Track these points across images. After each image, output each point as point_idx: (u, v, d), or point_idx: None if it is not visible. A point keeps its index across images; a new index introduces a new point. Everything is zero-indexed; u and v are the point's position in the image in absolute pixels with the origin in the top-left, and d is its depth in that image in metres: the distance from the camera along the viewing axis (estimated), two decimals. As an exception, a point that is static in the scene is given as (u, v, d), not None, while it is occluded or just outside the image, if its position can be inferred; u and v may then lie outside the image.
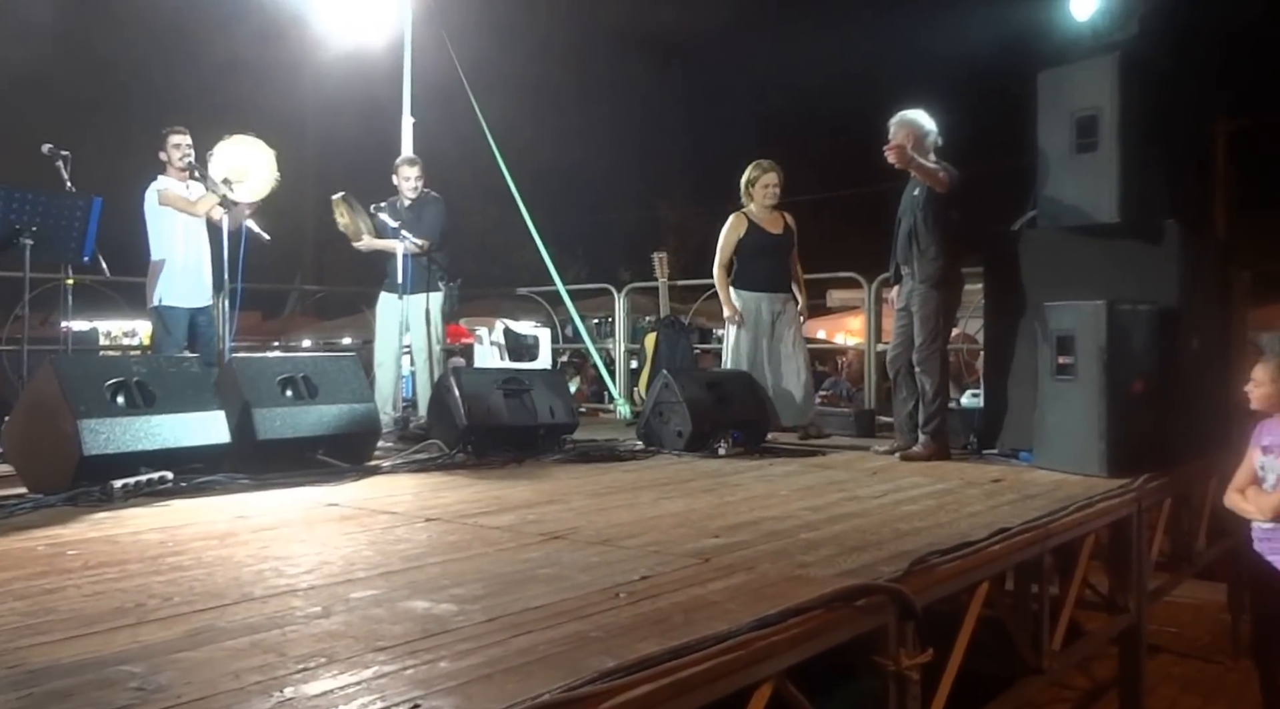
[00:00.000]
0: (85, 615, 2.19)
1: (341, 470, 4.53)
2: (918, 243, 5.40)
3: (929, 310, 5.39)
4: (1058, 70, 5.48)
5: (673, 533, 3.19)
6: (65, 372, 4.05)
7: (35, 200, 5.47)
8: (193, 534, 3.17)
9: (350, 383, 4.97)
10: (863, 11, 18.99)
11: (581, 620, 2.11)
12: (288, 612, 2.22)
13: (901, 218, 5.57)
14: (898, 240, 5.58)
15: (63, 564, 2.73)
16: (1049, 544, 3.34)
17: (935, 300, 5.38)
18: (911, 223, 5.44)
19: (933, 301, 5.38)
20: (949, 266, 5.40)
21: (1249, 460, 4.19)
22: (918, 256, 5.40)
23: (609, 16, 16.74)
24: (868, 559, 2.76)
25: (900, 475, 4.74)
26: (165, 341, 5.98)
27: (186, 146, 6.03)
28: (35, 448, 4.04)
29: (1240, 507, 4.19)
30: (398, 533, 3.20)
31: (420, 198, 6.78)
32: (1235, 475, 4.26)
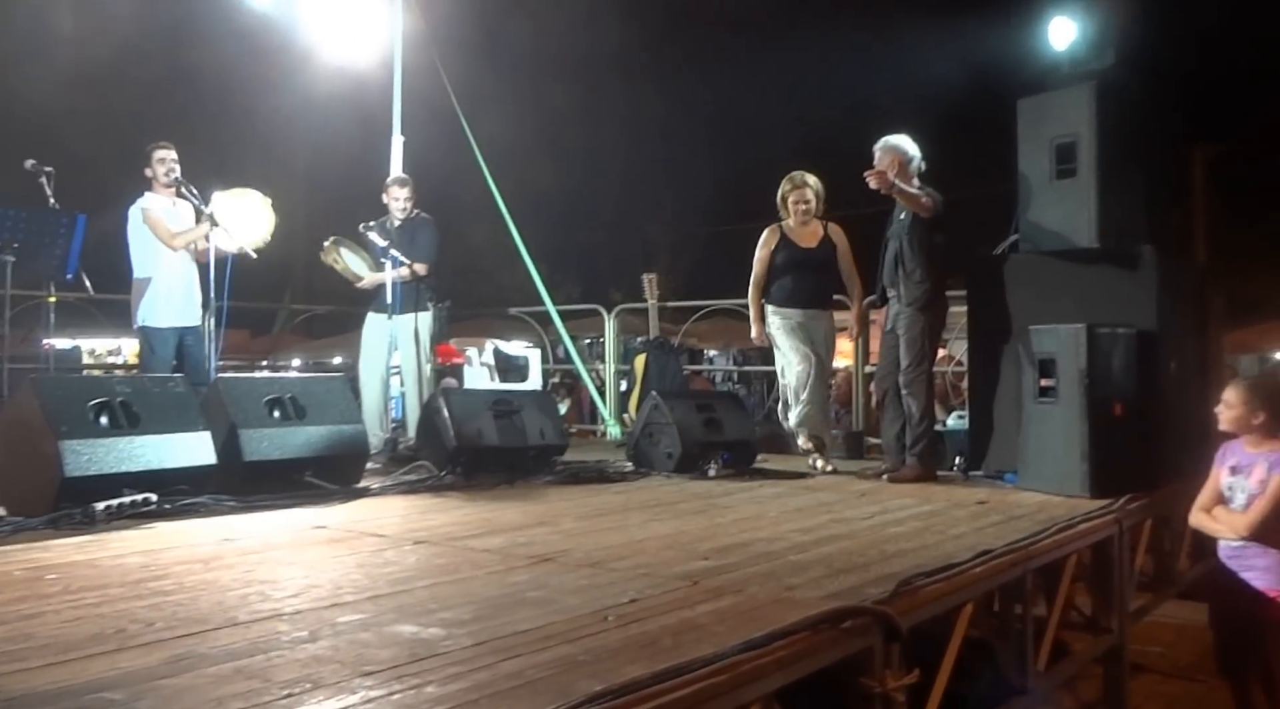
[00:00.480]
0: (64, 641, 2.17)
1: (329, 492, 4.52)
2: (904, 266, 5.45)
3: (915, 333, 5.44)
4: (1037, 98, 5.57)
5: (662, 555, 3.19)
6: (47, 392, 4.03)
7: (17, 217, 5.44)
8: (176, 557, 3.15)
9: (339, 403, 4.96)
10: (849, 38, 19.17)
11: (570, 644, 2.11)
12: (273, 636, 2.20)
13: (888, 241, 5.62)
14: (884, 263, 5.63)
15: (42, 589, 2.70)
16: (1032, 565, 3.36)
17: (921, 323, 5.43)
18: (898, 247, 5.50)
19: (919, 325, 5.43)
20: (934, 290, 5.46)
21: (1213, 480, 4.26)
22: (904, 280, 5.45)
23: (600, 38, 16.84)
24: (854, 581, 2.77)
25: (887, 497, 4.76)
26: (152, 362, 5.93)
27: (172, 161, 5.98)
28: (15, 469, 4.01)
29: (1209, 526, 4.25)
30: (386, 556, 3.19)
31: (411, 219, 6.77)
32: (1200, 495, 4.33)
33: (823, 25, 19.29)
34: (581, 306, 10.18)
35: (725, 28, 19.94)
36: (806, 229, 6.00)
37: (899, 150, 5.52)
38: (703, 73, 19.76)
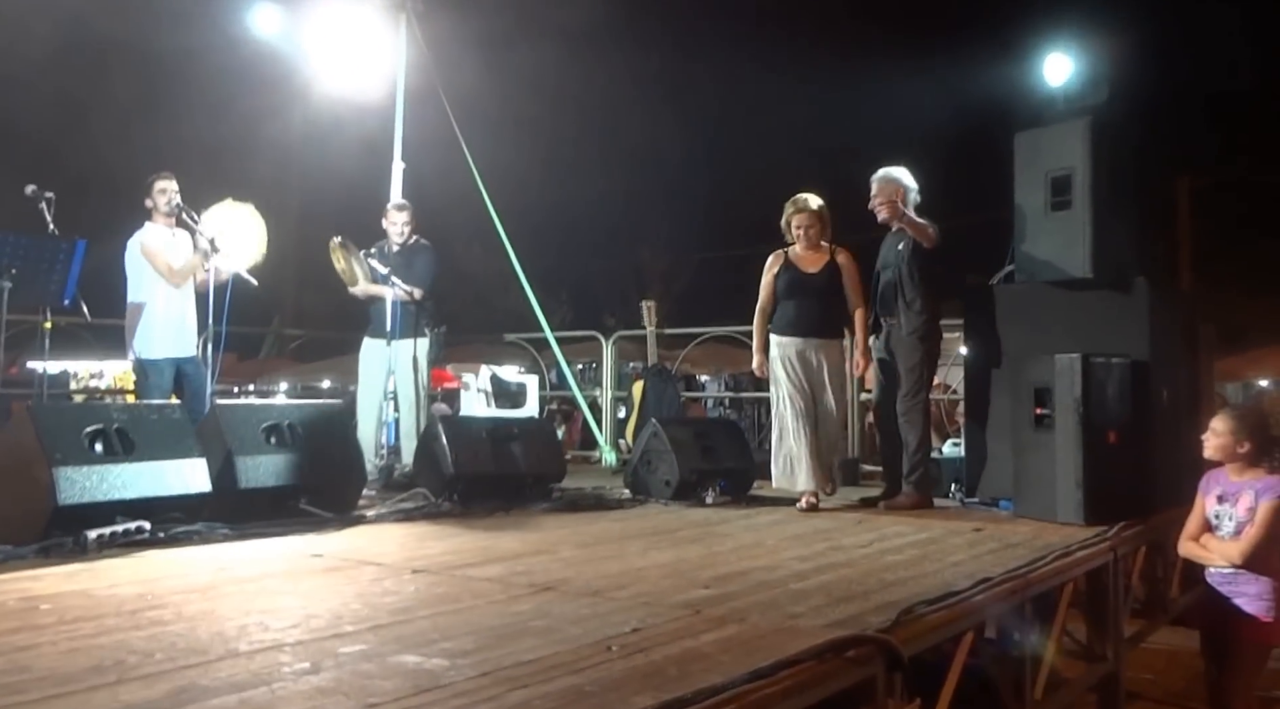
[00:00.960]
0: (62, 674, 2.14)
1: (325, 520, 4.49)
2: (903, 295, 5.48)
3: (914, 362, 5.47)
4: (1033, 132, 5.66)
5: (662, 584, 3.19)
6: (42, 418, 4.00)
7: (16, 242, 5.41)
8: (172, 587, 3.12)
9: (336, 430, 4.95)
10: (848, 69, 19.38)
11: (575, 674, 2.11)
12: (275, 668, 2.19)
13: (883, 270, 5.66)
14: (878, 292, 5.66)
15: (36, 619, 2.67)
16: (1029, 593, 3.37)
17: (920, 353, 5.48)
18: (895, 276, 5.53)
19: (918, 354, 5.47)
20: (933, 319, 5.51)
21: (1199, 509, 4.32)
22: (904, 309, 5.48)
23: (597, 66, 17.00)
24: (855, 609, 2.77)
25: (884, 524, 4.77)
26: (148, 393, 5.89)
27: (173, 192, 5.98)
28: (6, 497, 3.96)
29: (1199, 554, 4.29)
30: (385, 585, 3.18)
31: (410, 244, 6.78)
32: (1186, 524, 4.36)
33: (821, 55, 19.51)
34: (579, 333, 10.21)
35: (722, 57, 20.13)
36: (812, 253, 5.61)
37: (899, 182, 5.57)
38: (699, 100, 19.93)
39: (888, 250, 5.68)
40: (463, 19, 9.40)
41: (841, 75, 19.23)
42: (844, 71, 19.30)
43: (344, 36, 8.10)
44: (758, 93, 21.08)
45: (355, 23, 8.08)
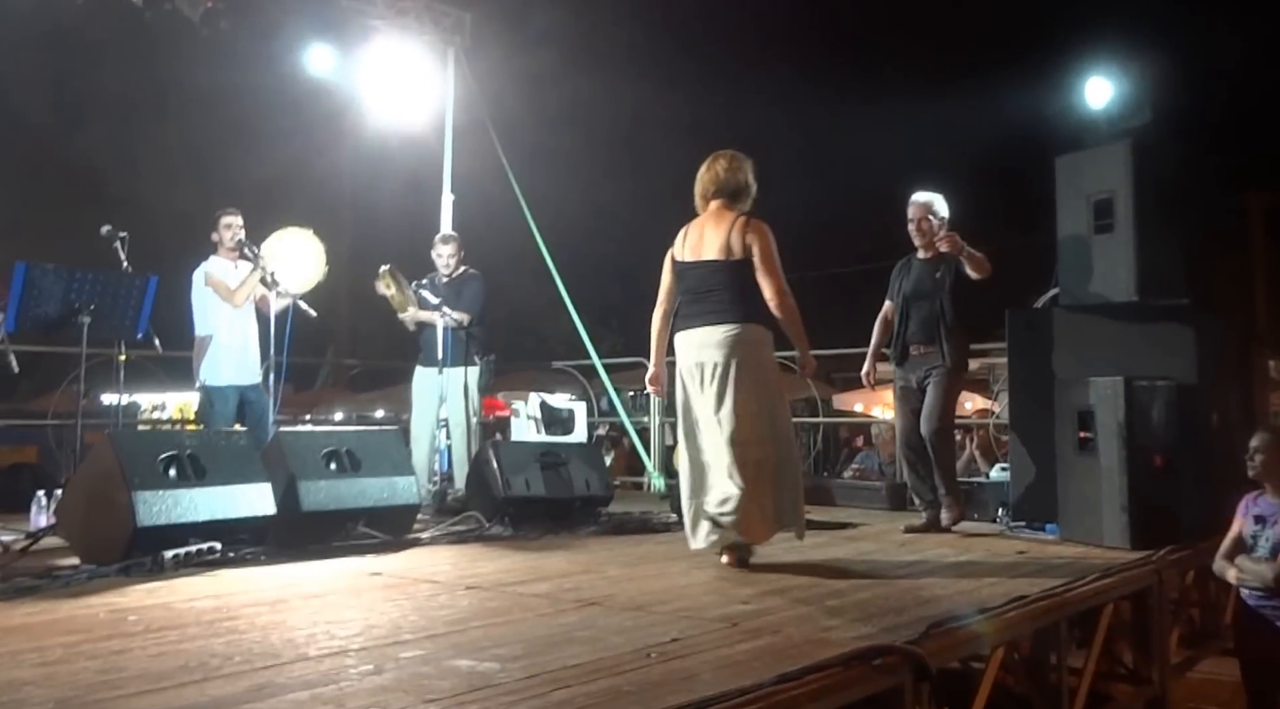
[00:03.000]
0: (153, 673, 2.36)
1: (383, 542, 4.69)
2: (945, 325, 5.45)
3: (955, 391, 5.52)
4: (1075, 155, 5.69)
5: (703, 600, 3.32)
6: (122, 445, 4.27)
7: (94, 280, 5.67)
8: (244, 601, 3.35)
9: (392, 456, 5.15)
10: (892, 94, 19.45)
11: (615, 677, 2.26)
12: (341, 670, 2.38)
13: (912, 299, 5.60)
14: (910, 321, 5.58)
15: (125, 628, 2.91)
16: (1065, 613, 3.43)
17: (959, 383, 5.55)
18: (937, 306, 5.48)
19: (957, 384, 5.53)
20: (968, 350, 5.57)
21: (1235, 529, 4.30)
22: (945, 339, 5.44)
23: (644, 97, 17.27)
24: (888, 623, 2.88)
25: (927, 546, 4.83)
26: (213, 419, 6.15)
27: (238, 227, 6.27)
28: (90, 520, 4.23)
29: (1232, 574, 4.27)
30: (440, 600, 3.36)
31: (460, 275, 6.99)
32: (1222, 544, 4.36)
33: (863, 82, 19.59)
34: (626, 360, 10.37)
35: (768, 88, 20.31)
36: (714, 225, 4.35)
37: (940, 209, 5.57)
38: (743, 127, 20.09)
39: (920, 278, 5.59)
40: (510, 53, 9.69)
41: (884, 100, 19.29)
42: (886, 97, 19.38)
43: (394, 73, 8.38)
44: (800, 118, 21.19)
45: (405, 59, 8.37)
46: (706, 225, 4.31)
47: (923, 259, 5.60)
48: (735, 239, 4.20)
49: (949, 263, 5.46)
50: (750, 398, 4.07)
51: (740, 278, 4.18)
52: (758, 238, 4.20)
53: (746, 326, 4.15)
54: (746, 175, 4.38)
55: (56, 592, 3.49)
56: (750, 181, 4.39)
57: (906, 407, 5.63)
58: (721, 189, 4.33)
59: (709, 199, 4.36)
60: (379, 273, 6.81)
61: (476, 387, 6.84)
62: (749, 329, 4.15)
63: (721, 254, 4.19)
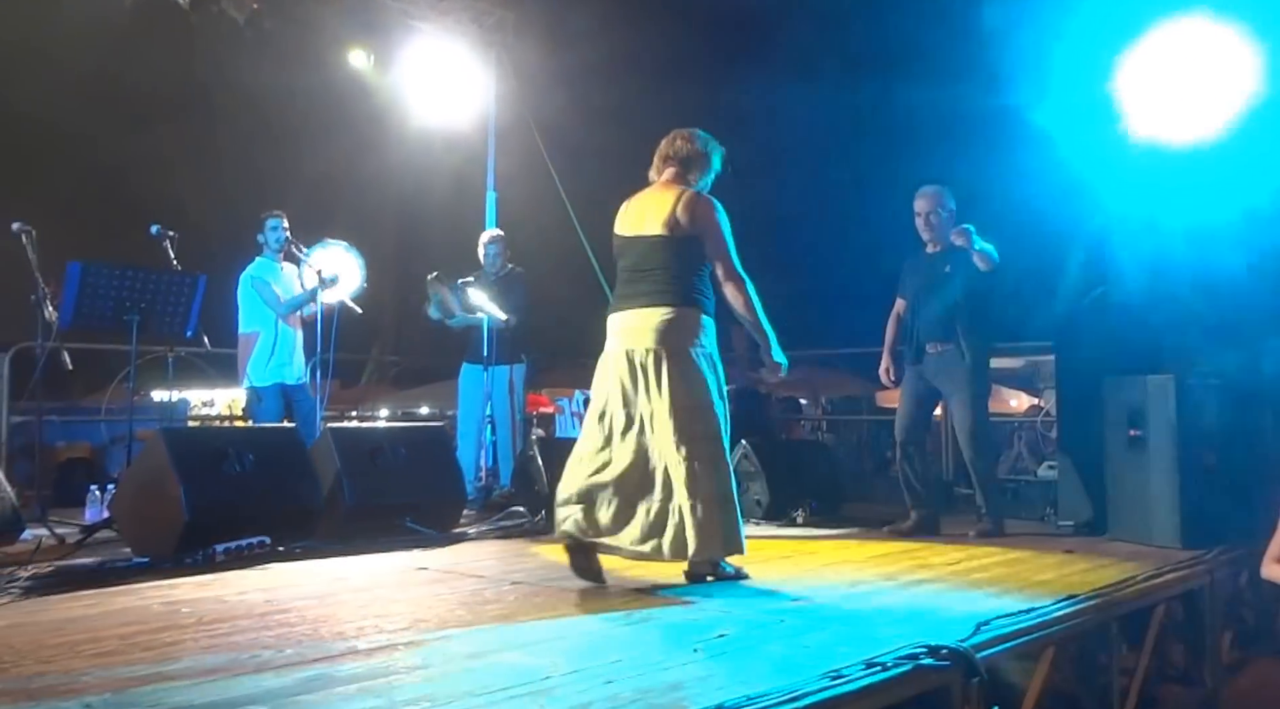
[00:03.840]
0: (207, 665, 2.41)
1: (429, 536, 4.74)
2: (961, 321, 5.21)
3: (980, 390, 5.23)
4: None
5: (750, 596, 3.33)
6: (174, 441, 4.35)
7: (145, 278, 5.77)
8: (294, 594, 3.40)
9: (438, 452, 5.21)
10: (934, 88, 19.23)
11: (664, 671, 2.27)
12: (391, 662, 2.41)
13: (923, 295, 5.38)
14: (921, 318, 5.37)
15: (178, 620, 2.96)
16: (1116, 612, 3.38)
17: (983, 380, 5.28)
18: (952, 301, 5.27)
19: (980, 381, 5.26)
20: (988, 347, 5.35)
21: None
22: (962, 335, 5.20)
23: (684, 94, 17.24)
24: (936, 621, 2.86)
25: (974, 544, 4.78)
26: (260, 417, 6.23)
27: (284, 229, 6.35)
28: (143, 514, 4.33)
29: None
30: (486, 595, 3.39)
31: (505, 273, 7.03)
32: (1271, 545, 4.25)
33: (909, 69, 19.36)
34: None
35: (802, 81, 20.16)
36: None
37: (946, 204, 5.37)
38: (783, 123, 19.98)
39: (930, 273, 5.38)
40: (553, 51, 9.69)
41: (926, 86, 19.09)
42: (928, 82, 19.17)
43: (437, 72, 8.43)
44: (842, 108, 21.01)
45: (448, 58, 8.42)
46: (650, 196, 3.84)
47: (930, 253, 5.42)
48: (681, 213, 3.69)
49: (957, 256, 5.23)
50: (685, 392, 3.59)
51: (683, 257, 3.70)
52: (706, 212, 3.73)
53: (685, 311, 3.66)
54: (704, 150, 3.90)
55: (111, 584, 3.56)
56: (708, 158, 3.91)
57: (912, 396, 5.40)
58: (674, 156, 3.87)
59: (660, 168, 3.92)
60: (427, 281, 6.88)
61: (521, 384, 6.88)
62: (688, 314, 3.67)
63: (664, 229, 3.70)
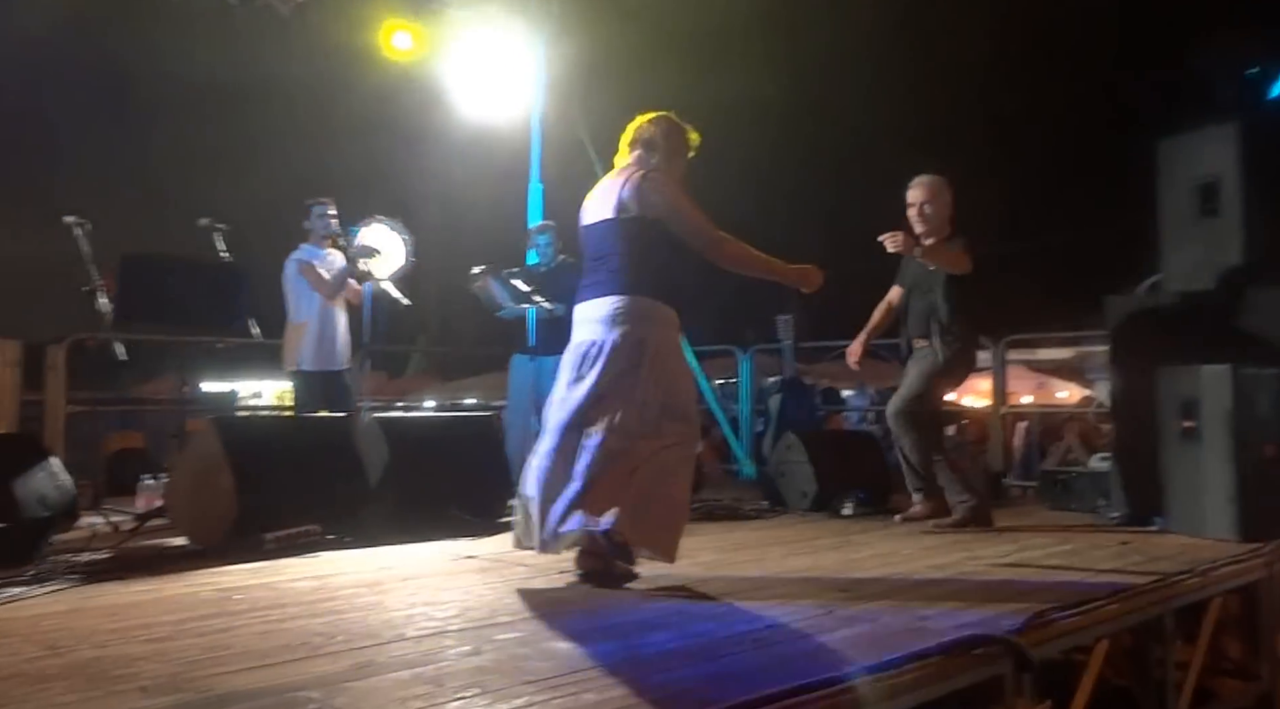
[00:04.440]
0: (259, 651, 2.44)
1: (476, 525, 4.77)
2: (939, 320, 5.08)
3: (938, 380, 5.10)
4: (1177, 138, 5.49)
5: (797, 587, 3.30)
6: (225, 430, 4.42)
7: (195, 270, 5.86)
8: (344, 582, 3.43)
9: (484, 442, 5.23)
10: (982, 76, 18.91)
11: (711, 661, 2.26)
12: (440, 650, 2.43)
13: (912, 291, 5.26)
14: (910, 315, 5.26)
15: (230, 607, 3.01)
16: (1171, 605, 3.32)
17: (946, 376, 5.13)
18: (932, 300, 5.12)
19: (944, 376, 5.11)
20: (969, 346, 5.20)
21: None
22: (939, 334, 5.07)
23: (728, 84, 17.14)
24: (988, 613, 2.82)
25: (1025, 535, 4.72)
26: (305, 404, 6.32)
27: (331, 216, 6.41)
28: (194, 502, 4.40)
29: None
30: (535, 583, 3.40)
31: (557, 264, 7.04)
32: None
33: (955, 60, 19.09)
34: (715, 347, 10.34)
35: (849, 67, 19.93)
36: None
37: (945, 193, 5.20)
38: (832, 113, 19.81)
39: (917, 269, 5.21)
40: (598, 39, 9.67)
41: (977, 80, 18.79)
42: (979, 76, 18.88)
43: (481, 61, 8.43)
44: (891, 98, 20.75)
45: (492, 47, 8.42)
46: (605, 182, 3.66)
47: None
48: (629, 193, 3.47)
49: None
50: (610, 380, 3.35)
51: (637, 241, 3.46)
52: (655, 188, 3.48)
53: (635, 299, 3.41)
54: (665, 132, 3.68)
55: (165, 571, 3.63)
56: (675, 142, 3.69)
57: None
58: (635, 141, 3.70)
59: (625, 154, 3.74)
60: (473, 274, 6.91)
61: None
62: (639, 303, 3.41)
63: (614, 211, 3.50)
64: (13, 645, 2.49)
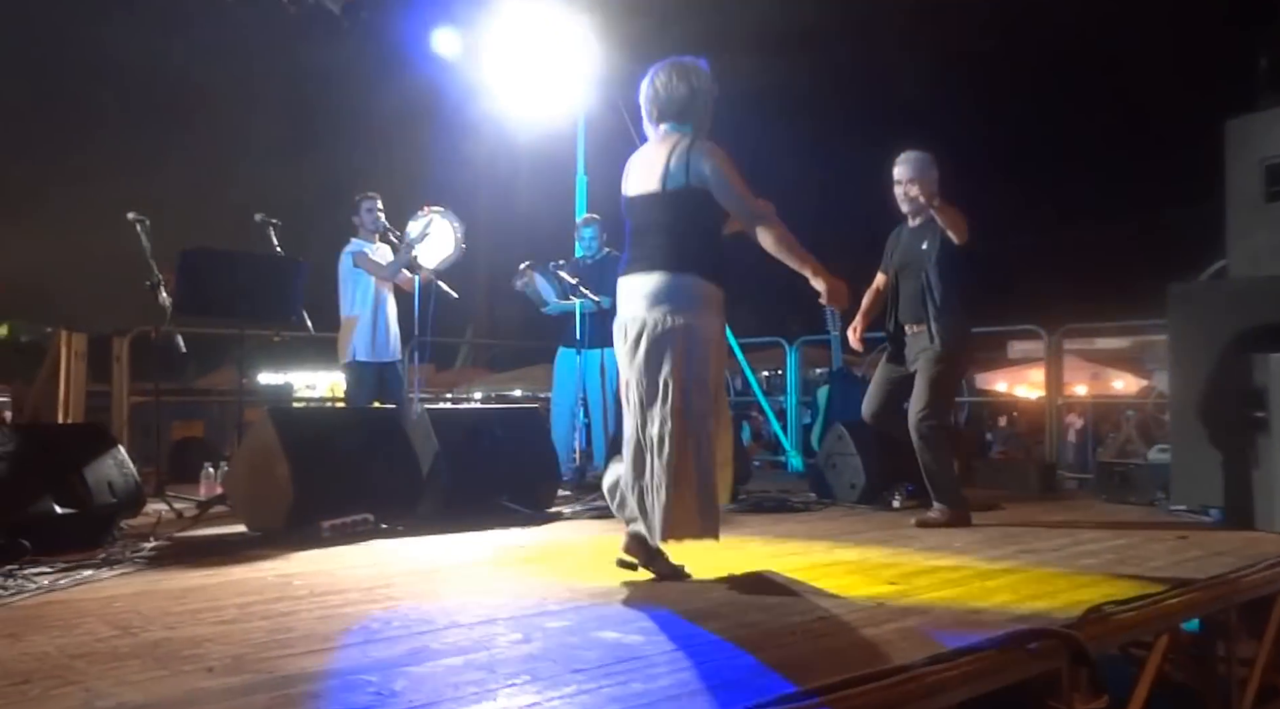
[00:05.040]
0: (319, 634, 2.50)
1: (525, 516, 4.81)
2: (933, 301, 4.88)
3: (938, 374, 4.83)
4: (1247, 118, 5.36)
5: (846, 579, 3.28)
6: (281, 421, 4.50)
7: (252, 264, 5.97)
8: (398, 569, 3.49)
9: (534, 434, 5.27)
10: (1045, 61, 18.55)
11: (761, 652, 2.26)
12: (492, 637, 2.46)
13: (901, 272, 5.09)
14: (900, 297, 5.08)
15: (291, 592, 3.08)
16: (1235, 600, 3.24)
17: (952, 369, 4.92)
18: (923, 280, 4.93)
19: (950, 370, 4.91)
20: (966, 330, 4.98)
21: None
22: (934, 317, 4.87)
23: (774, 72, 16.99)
24: (1042, 607, 2.78)
25: (1081, 529, 4.65)
26: (358, 396, 6.42)
27: (379, 210, 6.51)
28: (253, 490, 4.49)
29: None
30: (583, 573, 3.42)
31: (603, 257, 7.07)
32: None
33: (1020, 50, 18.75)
34: (762, 339, 10.30)
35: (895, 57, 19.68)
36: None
37: (931, 169, 4.94)
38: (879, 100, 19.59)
39: (908, 249, 5.07)
40: (643, 30, 9.65)
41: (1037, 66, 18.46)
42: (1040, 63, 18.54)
43: (525, 53, 8.45)
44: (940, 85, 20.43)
45: (536, 39, 8.42)
46: (648, 151, 3.52)
47: (912, 227, 5.11)
48: (676, 164, 3.36)
49: (935, 232, 4.90)
50: (659, 366, 3.27)
51: (683, 215, 3.36)
52: (706, 159, 3.34)
53: (680, 277, 3.32)
54: (689, 85, 3.47)
55: (227, 556, 3.72)
56: (698, 91, 3.48)
57: (883, 375, 5.15)
58: (664, 111, 3.49)
59: (655, 124, 3.56)
60: (519, 270, 6.96)
61: (614, 367, 6.91)
62: (683, 281, 3.32)
63: (659, 183, 3.39)
64: (88, 626, 2.59)
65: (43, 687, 2.04)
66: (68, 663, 2.22)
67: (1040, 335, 7.59)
